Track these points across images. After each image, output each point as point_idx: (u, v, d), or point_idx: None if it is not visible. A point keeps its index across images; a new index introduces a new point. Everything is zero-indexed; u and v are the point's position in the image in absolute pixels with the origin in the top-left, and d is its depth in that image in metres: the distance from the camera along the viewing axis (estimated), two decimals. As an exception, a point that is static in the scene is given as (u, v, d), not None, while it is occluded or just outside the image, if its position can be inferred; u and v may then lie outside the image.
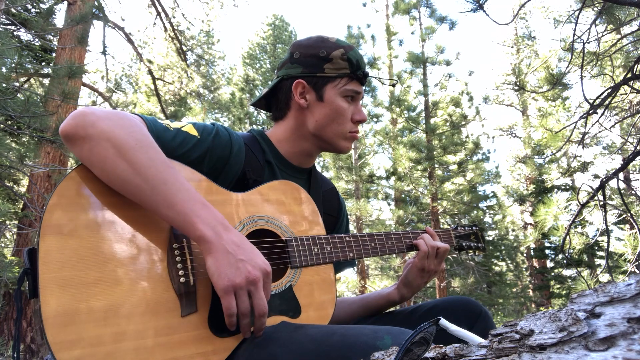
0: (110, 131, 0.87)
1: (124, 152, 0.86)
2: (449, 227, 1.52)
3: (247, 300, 0.87)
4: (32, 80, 8.16)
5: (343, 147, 1.23)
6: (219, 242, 0.86)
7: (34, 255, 0.81)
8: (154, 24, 11.00)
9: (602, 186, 2.69)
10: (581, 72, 2.74)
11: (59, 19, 9.11)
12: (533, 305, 14.43)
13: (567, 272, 13.67)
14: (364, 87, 1.25)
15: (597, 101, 2.75)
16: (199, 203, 0.88)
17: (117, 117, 0.90)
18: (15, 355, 0.84)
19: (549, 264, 14.74)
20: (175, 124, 1.05)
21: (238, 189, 1.06)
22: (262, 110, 1.38)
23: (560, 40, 3.33)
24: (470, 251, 1.50)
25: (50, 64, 8.16)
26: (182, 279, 0.89)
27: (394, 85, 1.52)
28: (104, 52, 8.84)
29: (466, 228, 1.50)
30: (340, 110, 1.18)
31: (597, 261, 12.16)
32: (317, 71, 1.18)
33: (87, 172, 0.90)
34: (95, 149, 0.86)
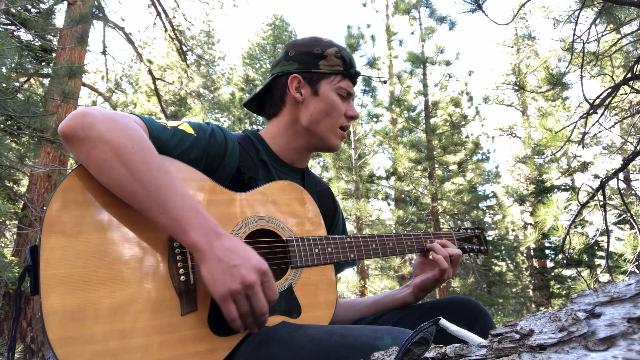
0: (108, 134, 0.87)
1: (121, 156, 0.86)
2: (450, 229, 1.49)
3: (247, 304, 0.87)
4: (32, 80, 8.16)
5: (333, 144, 1.25)
6: (211, 250, 0.85)
7: (35, 253, 0.81)
8: (154, 24, 11.01)
9: (602, 186, 2.70)
10: (581, 72, 2.74)
11: (59, 19, 9.13)
12: (533, 305, 14.43)
13: (567, 272, 13.68)
14: (358, 89, 1.27)
15: (597, 101, 2.75)
16: (192, 210, 0.87)
17: (115, 119, 0.90)
18: (10, 355, 0.84)
19: (549, 264, 14.74)
20: (171, 123, 1.05)
21: (233, 188, 1.06)
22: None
23: (560, 40, 3.33)
24: (472, 254, 1.47)
25: (50, 64, 8.16)
26: (182, 278, 0.90)
27: (385, 82, 1.55)
28: (104, 52, 8.85)
29: (468, 231, 1.47)
30: (335, 105, 1.22)
31: (597, 261, 12.16)
32: (312, 67, 1.22)
33: (88, 171, 0.90)
34: (93, 152, 0.86)
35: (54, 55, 8.12)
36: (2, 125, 5.08)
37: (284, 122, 1.24)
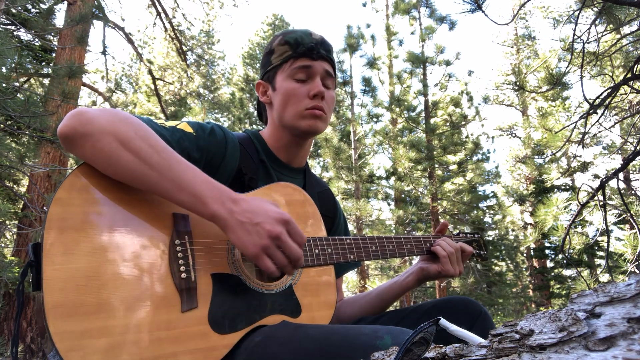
0: (109, 125, 0.88)
1: (127, 143, 0.87)
2: (450, 233, 1.49)
3: (281, 255, 0.89)
4: (32, 80, 8.16)
5: (305, 127, 1.17)
6: (232, 216, 0.87)
7: (38, 249, 0.82)
8: (154, 24, 11.01)
9: (602, 186, 2.70)
10: (581, 72, 2.74)
11: (59, 19, 9.12)
12: (533, 305, 14.42)
13: (567, 272, 13.68)
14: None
15: (597, 101, 2.75)
16: (204, 182, 0.89)
17: (112, 112, 0.91)
18: (13, 351, 0.84)
19: (549, 264, 14.74)
20: (170, 123, 1.06)
21: (234, 188, 1.06)
22: None
23: (560, 40, 3.33)
24: (472, 258, 1.48)
25: (50, 64, 8.16)
26: (183, 275, 0.90)
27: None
28: (104, 52, 8.85)
29: (468, 235, 1.47)
30: (290, 91, 1.18)
31: (597, 261, 12.16)
32: (268, 66, 1.24)
33: (91, 168, 0.91)
34: (98, 145, 0.87)
35: (54, 55, 8.12)
36: (2, 125, 5.08)
37: (270, 125, 1.28)
